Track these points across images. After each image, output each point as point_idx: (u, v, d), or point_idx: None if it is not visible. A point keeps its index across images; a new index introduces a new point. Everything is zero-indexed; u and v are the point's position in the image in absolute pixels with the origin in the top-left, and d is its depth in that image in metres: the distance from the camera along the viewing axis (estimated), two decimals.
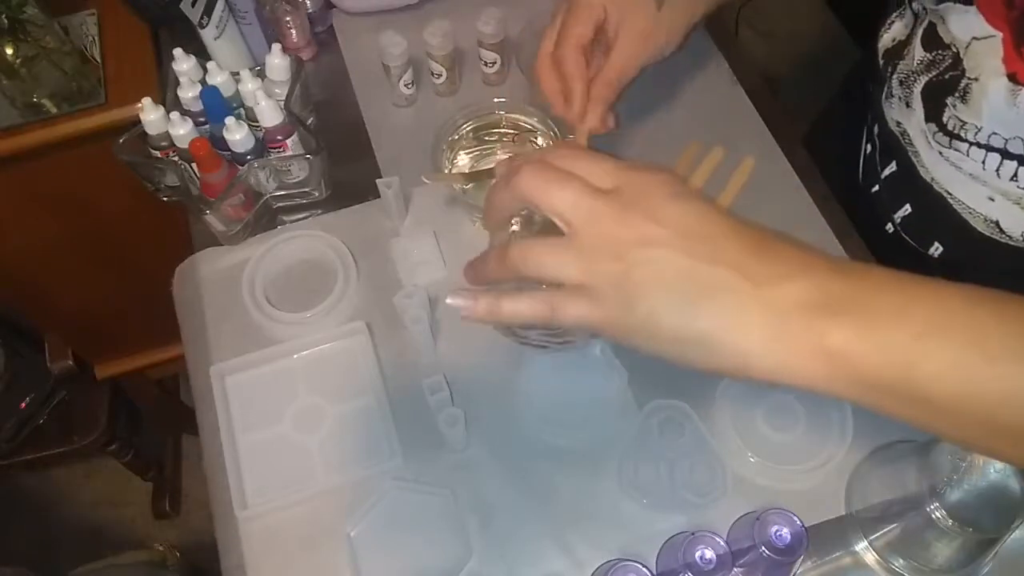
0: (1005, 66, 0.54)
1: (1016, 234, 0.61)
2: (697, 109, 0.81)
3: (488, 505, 0.61)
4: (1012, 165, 0.57)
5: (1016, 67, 0.53)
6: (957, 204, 0.63)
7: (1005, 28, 0.54)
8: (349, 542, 0.59)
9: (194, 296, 0.72)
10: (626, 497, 0.60)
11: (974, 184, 0.61)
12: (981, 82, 0.56)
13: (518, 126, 0.74)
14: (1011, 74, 0.54)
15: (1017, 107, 0.54)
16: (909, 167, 0.66)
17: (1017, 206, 0.59)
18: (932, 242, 0.67)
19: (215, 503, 0.63)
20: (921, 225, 0.67)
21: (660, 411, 0.63)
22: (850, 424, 0.61)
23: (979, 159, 0.59)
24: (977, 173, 0.60)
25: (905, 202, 0.68)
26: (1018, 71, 0.53)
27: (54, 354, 1.27)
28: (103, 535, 1.52)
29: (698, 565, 0.50)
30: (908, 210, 0.68)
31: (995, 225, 0.62)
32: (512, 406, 0.64)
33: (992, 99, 0.55)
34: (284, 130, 0.70)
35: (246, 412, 0.66)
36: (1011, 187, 0.58)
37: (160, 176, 0.73)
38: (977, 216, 0.62)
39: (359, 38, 0.88)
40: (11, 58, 0.93)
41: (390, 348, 0.68)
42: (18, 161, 0.97)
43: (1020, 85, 0.53)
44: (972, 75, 0.57)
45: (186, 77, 0.72)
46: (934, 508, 0.49)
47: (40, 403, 1.26)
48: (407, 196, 0.75)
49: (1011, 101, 0.54)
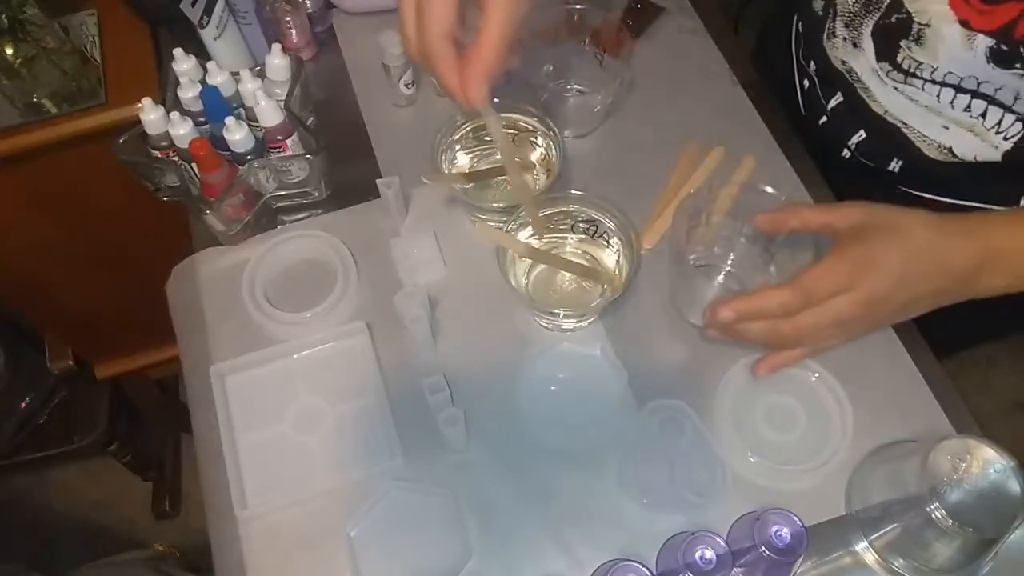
0: (953, 11, 0.56)
1: (968, 157, 0.64)
2: (697, 109, 0.81)
3: (488, 505, 0.61)
4: (965, 98, 0.60)
5: (966, 13, 0.56)
6: (911, 133, 0.66)
7: None
8: (349, 542, 0.60)
9: (193, 296, 0.72)
10: (626, 497, 0.60)
11: (929, 114, 0.64)
12: (934, 27, 0.58)
13: (518, 126, 0.74)
14: (963, 20, 0.56)
15: (974, 50, 0.56)
16: (858, 100, 0.68)
17: (970, 133, 0.63)
18: (891, 160, 0.69)
19: (209, 503, 0.63)
20: (878, 147, 0.70)
21: (660, 411, 0.63)
22: (850, 424, 0.61)
23: (934, 93, 0.62)
24: (932, 105, 0.63)
25: (858, 129, 0.70)
26: (969, 18, 0.56)
27: (54, 354, 1.26)
28: (103, 535, 1.52)
29: (698, 565, 0.50)
30: (863, 135, 0.70)
31: (948, 151, 0.65)
32: (512, 406, 0.64)
33: (948, 44, 0.58)
34: (284, 130, 0.70)
35: (246, 412, 0.66)
36: (964, 116, 0.62)
37: (160, 176, 0.73)
38: (931, 143, 0.65)
39: (359, 38, 0.88)
40: (11, 58, 0.93)
41: (390, 348, 0.68)
42: (18, 161, 0.97)
43: (974, 31, 0.56)
44: (921, 20, 0.59)
45: (186, 77, 0.72)
46: (934, 508, 0.49)
47: (40, 403, 1.26)
48: (407, 196, 0.75)
49: (967, 46, 0.57)
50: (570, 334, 0.68)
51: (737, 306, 0.55)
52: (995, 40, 0.55)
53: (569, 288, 0.69)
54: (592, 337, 0.67)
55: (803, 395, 0.64)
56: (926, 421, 0.63)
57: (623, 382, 0.64)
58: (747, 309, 0.55)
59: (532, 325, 0.69)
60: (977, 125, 0.62)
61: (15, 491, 1.55)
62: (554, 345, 0.67)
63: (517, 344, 0.67)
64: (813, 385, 0.64)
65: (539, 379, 0.66)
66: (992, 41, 0.55)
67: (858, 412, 0.62)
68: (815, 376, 0.64)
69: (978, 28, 0.55)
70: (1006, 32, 0.54)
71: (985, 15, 0.55)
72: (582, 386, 0.66)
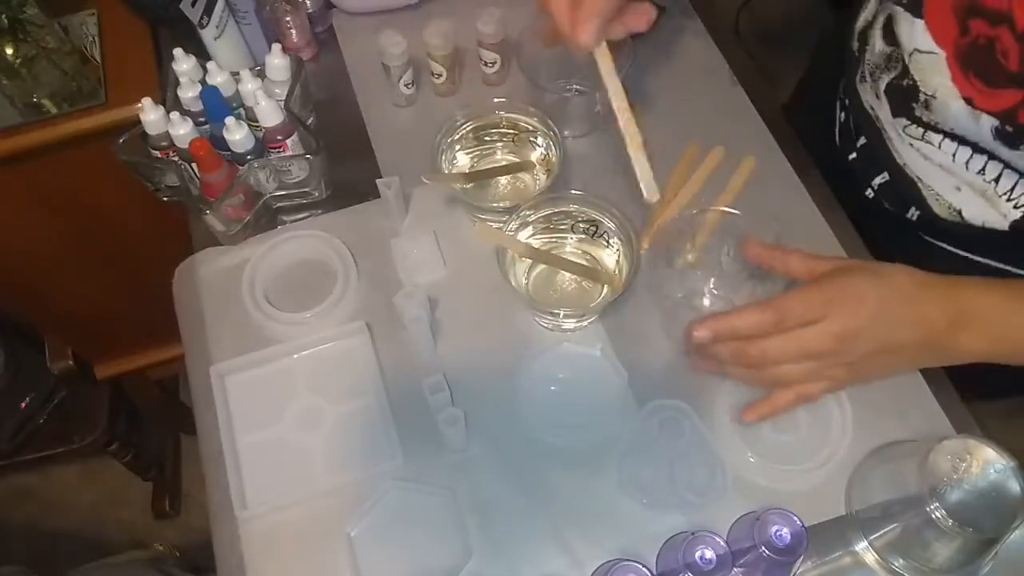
0: (957, 88, 0.56)
1: (977, 223, 0.63)
2: (697, 109, 0.81)
3: (488, 505, 0.61)
4: (981, 159, 0.59)
5: (969, 92, 0.55)
6: (925, 190, 0.65)
7: (950, 49, 0.55)
8: (349, 542, 0.60)
9: (194, 296, 0.72)
10: (626, 497, 0.60)
11: (943, 174, 0.62)
12: (940, 100, 0.58)
13: (518, 126, 0.74)
14: (967, 98, 0.55)
15: (980, 126, 0.56)
16: (882, 146, 0.67)
17: (982, 197, 0.61)
18: (909, 207, 0.68)
19: (211, 503, 0.63)
20: (898, 193, 0.69)
21: (660, 411, 0.63)
22: (850, 424, 0.61)
23: (950, 152, 0.60)
24: (946, 164, 0.61)
25: (883, 170, 0.69)
26: (973, 97, 0.55)
27: (54, 354, 1.26)
28: (103, 535, 1.52)
29: (698, 565, 0.50)
30: (886, 177, 0.69)
31: (958, 214, 0.63)
32: (512, 406, 0.64)
33: (956, 114, 0.57)
34: (284, 130, 0.70)
35: (246, 412, 0.66)
36: (977, 179, 0.60)
37: (160, 176, 0.73)
38: (943, 203, 0.64)
39: (359, 38, 0.88)
40: (11, 58, 0.93)
41: (390, 348, 0.68)
42: (18, 161, 0.97)
43: (978, 110, 0.55)
44: (927, 90, 0.59)
45: (186, 77, 0.72)
46: (934, 508, 0.49)
47: (40, 403, 1.26)
48: (407, 196, 0.75)
49: (974, 120, 0.56)
50: (570, 334, 0.68)
51: (712, 324, 0.55)
52: (999, 121, 0.54)
53: (569, 288, 0.69)
54: (592, 337, 0.67)
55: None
56: (926, 421, 0.63)
57: (623, 382, 0.64)
58: (721, 328, 0.54)
59: (532, 325, 0.69)
60: (989, 190, 0.60)
61: (15, 491, 1.55)
62: (554, 345, 0.67)
63: (517, 344, 0.67)
64: None
65: (539, 379, 0.66)
66: (997, 122, 0.54)
67: (858, 412, 0.62)
68: None
69: (981, 107, 0.55)
70: (1010, 117, 0.53)
71: (988, 96, 0.54)
72: (582, 386, 0.66)
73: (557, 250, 0.70)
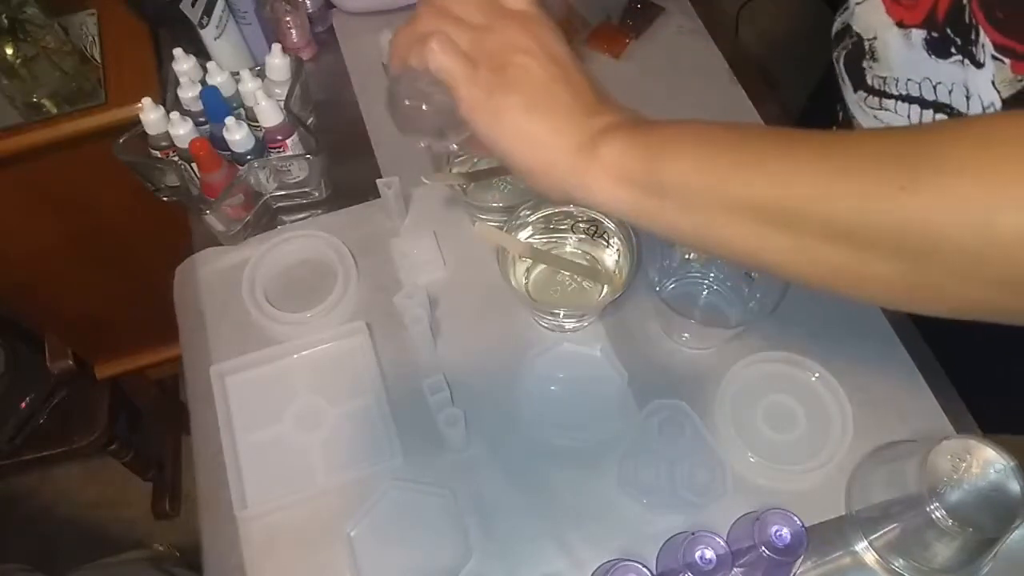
0: (889, 16, 0.58)
1: None
2: (697, 109, 0.81)
3: (488, 505, 0.61)
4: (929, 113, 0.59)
5: (899, 15, 0.57)
6: None
7: None
8: (349, 542, 0.59)
9: (193, 296, 0.72)
10: (626, 497, 0.60)
11: None
12: (880, 38, 0.60)
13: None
14: (899, 22, 0.57)
15: (913, 46, 0.57)
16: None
17: None
18: None
19: (208, 503, 0.63)
20: None
21: (660, 411, 0.63)
22: (850, 424, 0.61)
23: (904, 113, 0.61)
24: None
25: None
26: (903, 17, 0.57)
27: (54, 354, 1.27)
28: (103, 535, 1.52)
29: (698, 565, 0.50)
30: None
31: None
32: (512, 406, 0.64)
33: (895, 49, 0.59)
34: (284, 130, 0.70)
35: (246, 412, 0.66)
36: None
37: (160, 176, 0.73)
38: None
39: (359, 38, 0.88)
40: (11, 58, 0.93)
41: (390, 348, 0.68)
42: (18, 161, 0.97)
43: (908, 28, 0.57)
44: (868, 35, 0.61)
45: (186, 77, 0.72)
46: (934, 508, 0.49)
47: (40, 403, 1.26)
48: (407, 196, 0.75)
49: (907, 44, 0.57)
50: (570, 334, 0.68)
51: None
52: (926, 31, 0.56)
53: (569, 288, 0.69)
54: (592, 337, 0.67)
55: (803, 395, 0.64)
56: (926, 421, 0.63)
57: (623, 382, 0.64)
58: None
59: (532, 325, 0.69)
60: None
61: (15, 491, 1.55)
62: (554, 345, 0.67)
63: (517, 344, 0.67)
64: (813, 385, 0.64)
65: (539, 379, 0.66)
66: (924, 32, 0.56)
67: (858, 412, 0.62)
68: (815, 376, 0.64)
69: (910, 24, 0.57)
70: (931, 21, 0.55)
71: (910, 9, 0.56)
72: (582, 386, 0.66)
73: (557, 250, 0.70)
